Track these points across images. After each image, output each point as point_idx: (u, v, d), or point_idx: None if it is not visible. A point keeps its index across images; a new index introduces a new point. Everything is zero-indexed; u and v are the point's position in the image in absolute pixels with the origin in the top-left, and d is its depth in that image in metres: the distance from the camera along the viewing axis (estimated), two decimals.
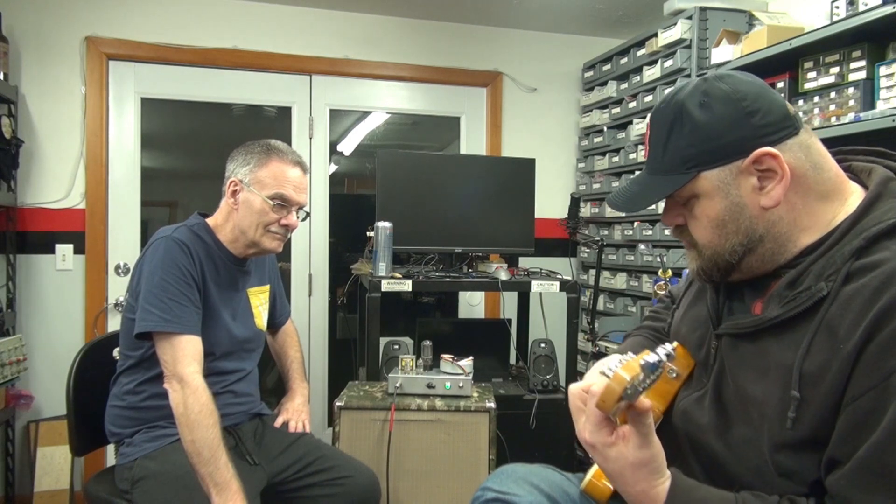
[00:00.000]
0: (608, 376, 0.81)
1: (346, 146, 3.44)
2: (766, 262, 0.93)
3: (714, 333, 1.00)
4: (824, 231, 0.90)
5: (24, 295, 2.85)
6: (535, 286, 2.46)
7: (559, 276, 2.56)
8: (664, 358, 0.82)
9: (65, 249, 2.89)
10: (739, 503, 0.86)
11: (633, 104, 2.98)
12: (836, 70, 1.98)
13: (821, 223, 0.91)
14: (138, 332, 1.55)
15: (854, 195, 0.93)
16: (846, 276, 0.84)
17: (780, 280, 0.92)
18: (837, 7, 2.00)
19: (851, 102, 1.91)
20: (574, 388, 0.94)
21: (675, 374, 1.03)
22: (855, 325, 0.80)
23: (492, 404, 1.98)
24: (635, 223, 2.96)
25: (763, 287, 0.96)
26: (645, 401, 0.82)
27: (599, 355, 2.89)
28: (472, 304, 3.50)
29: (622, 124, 3.12)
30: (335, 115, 3.31)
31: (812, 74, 2.06)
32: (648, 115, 1.00)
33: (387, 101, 3.36)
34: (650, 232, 2.83)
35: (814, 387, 0.82)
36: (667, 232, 2.70)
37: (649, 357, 0.81)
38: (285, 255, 3.16)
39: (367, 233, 2.57)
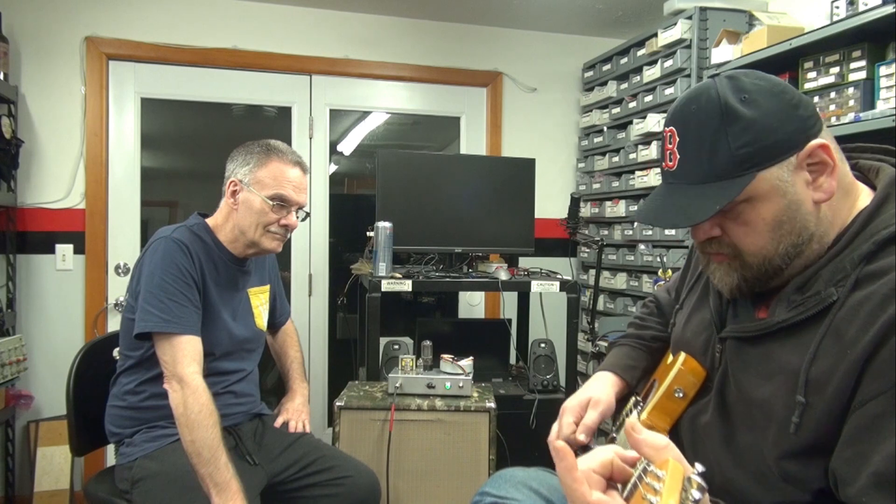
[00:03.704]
0: None
1: (346, 146, 3.43)
2: (810, 262, 0.89)
3: (718, 337, 0.99)
4: (839, 229, 0.89)
5: (24, 295, 2.85)
6: (535, 286, 2.46)
7: (559, 276, 2.56)
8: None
9: (65, 249, 2.89)
10: None
11: (633, 104, 2.98)
12: (836, 70, 1.98)
13: (841, 219, 0.89)
14: (138, 332, 1.55)
15: (862, 195, 0.91)
16: (855, 282, 0.82)
17: (786, 284, 0.90)
18: (837, 7, 2.00)
19: (851, 102, 1.90)
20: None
21: (681, 394, 1.02)
22: (863, 332, 0.78)
23: (492, 404, 1.98)
24: (635, 223, 2.95)
25: (767, 292, 0.95)
26: None
27: (599, 356, 2.89)
28: (472, 304, 3.50)
29: (622, 124, 3.11)
30: (335, 115, 3.31)
31: (812, 74, 2.06)
32: (666, 125, 0.92)
33: (387, 101, 3.36)
34: (650, 232, 2.83)
35: (819, 392, 0.81)
36: (669, 232, 2.70)
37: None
38: (285, 258, 3.16)
39: (367, 233, 2.57)
